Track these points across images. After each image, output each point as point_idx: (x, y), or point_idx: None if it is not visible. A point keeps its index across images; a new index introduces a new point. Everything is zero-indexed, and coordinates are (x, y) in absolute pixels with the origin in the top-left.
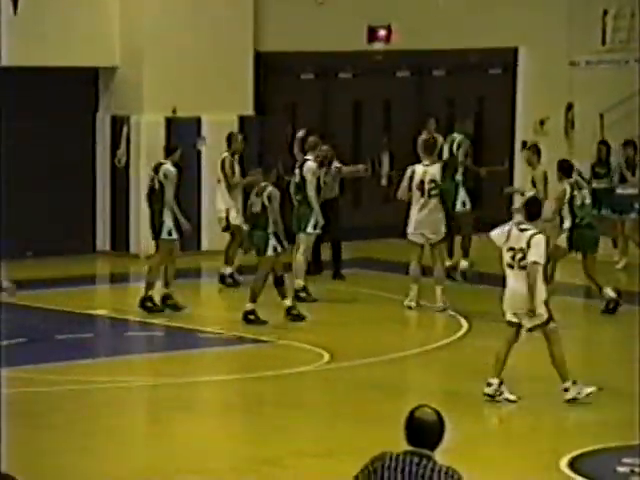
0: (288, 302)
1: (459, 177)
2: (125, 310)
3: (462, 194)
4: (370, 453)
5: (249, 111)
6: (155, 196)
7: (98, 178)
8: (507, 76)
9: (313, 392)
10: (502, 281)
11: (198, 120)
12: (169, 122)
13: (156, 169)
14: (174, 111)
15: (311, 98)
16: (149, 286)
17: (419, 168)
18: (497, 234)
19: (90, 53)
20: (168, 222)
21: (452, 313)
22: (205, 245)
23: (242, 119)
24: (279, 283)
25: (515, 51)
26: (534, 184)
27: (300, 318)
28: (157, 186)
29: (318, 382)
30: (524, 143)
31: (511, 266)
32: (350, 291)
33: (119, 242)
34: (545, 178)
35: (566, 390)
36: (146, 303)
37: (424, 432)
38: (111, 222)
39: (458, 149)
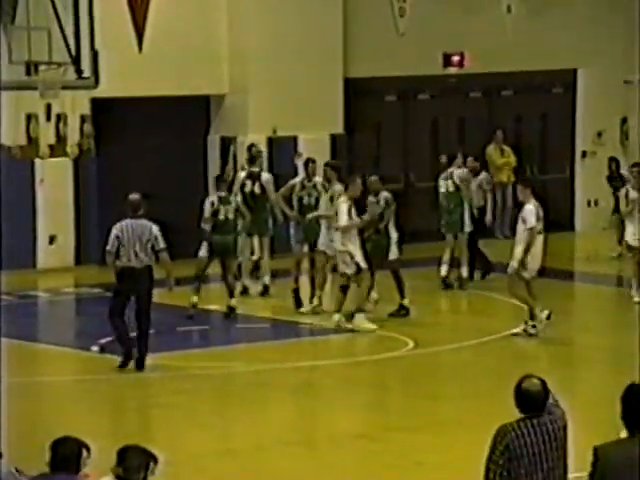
0: None
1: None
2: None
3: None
4: (448, 427)
5: (339, 130)
6: None
7: (210, 190)
8: (568, 95)
9: (399, 374)
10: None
11: (295, 138)
12: (270, 141)
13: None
14: (274, 131)
15: (393, 117)
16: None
17: None
18: None
19: (203, 83)
20: None
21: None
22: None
23: (333, 137)
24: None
25: (574, 72)
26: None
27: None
28: None
29: (403, 366)
30: (584, 153)
31: None
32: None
33: None
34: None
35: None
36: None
37: (532, 399)
38: None
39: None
